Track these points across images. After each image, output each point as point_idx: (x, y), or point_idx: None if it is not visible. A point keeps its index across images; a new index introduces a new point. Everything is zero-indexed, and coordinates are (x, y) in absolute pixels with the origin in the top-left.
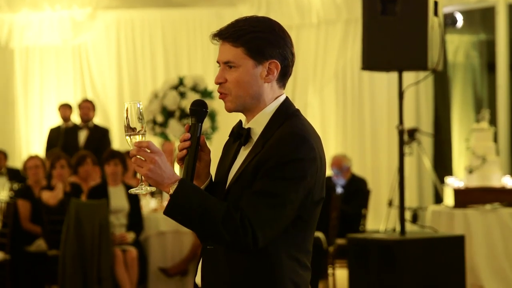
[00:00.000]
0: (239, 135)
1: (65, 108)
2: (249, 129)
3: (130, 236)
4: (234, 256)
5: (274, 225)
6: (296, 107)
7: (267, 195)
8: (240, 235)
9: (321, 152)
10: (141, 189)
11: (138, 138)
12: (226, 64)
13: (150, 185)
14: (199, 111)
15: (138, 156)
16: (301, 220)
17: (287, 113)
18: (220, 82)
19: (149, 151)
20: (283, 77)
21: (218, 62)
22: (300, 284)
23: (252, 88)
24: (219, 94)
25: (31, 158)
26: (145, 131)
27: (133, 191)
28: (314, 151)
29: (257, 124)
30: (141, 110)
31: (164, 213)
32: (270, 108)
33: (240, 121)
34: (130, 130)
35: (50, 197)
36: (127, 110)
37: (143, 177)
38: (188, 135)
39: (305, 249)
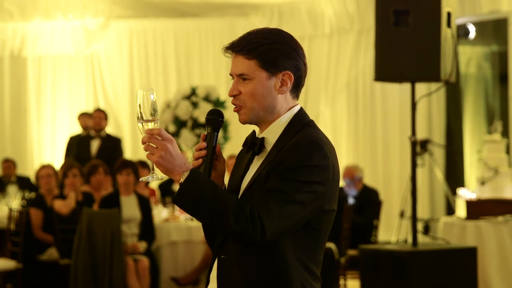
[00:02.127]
0: (253, 144)
1: (85, 117)
2: (263, 138)
3: (142, 245)
4: (248, 264)
5: (282, 220)
6: (308, 114)
7: (277, 191)
8: (248, 226)
9: (334, 162)
10: (152, 178)
11: (150, 125)
12: (239, 77)
13: (160, 177)
14: (216, 120)
15: (150, 144)
16: (312, 229)
17: (302, 123)
18: (234, 95)
19: (160, 138)
20: (297, 88)
21: (231, 74)
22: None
23: (266, 99)
24: (234, 106)
25: (44, 167)
26: (157, 119)
27: (143, 179)
28: (328, 159)
29: (271, 133)
30: (154, 98)
31: (173, 201)
32: (284, 119)
33: (254, 131)
34: (142, 117)
35: (62, 206)
36: (140, 98)
37: (154, 165)
38: (204, 144)
39: (316, 259)
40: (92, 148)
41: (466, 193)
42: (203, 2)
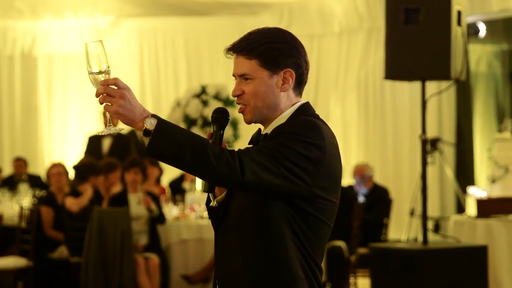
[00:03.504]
0: (258, 141)
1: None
2: (266, 134)
3: (154, 206)
4: (247, 254)
5: (261, 167)
6: (318, 113)
7: (264, 148)
8: (229, 162)
9: (333, 151)
10: (109, 130)
11: (101, 77)
12: (242, 77)
13: (118, 129)
14: (221, 118)
15: (106, 95)
16: (312, 217)
17: (305, 114)
18: (237, 95)
19: (116, 88)
20: (299, 85)
21: (234, 75)
22: (311, 277)
23: (269, 98)
24: (239, 106)
25: (55, 165)
26: (109, 71)
27: (100, 132)
28: (324, 140)
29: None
30: (102, 49)
31: (149, 151)
32: (286, 113)
33: (259, 129)
34: (92, 70)
35: (73, 204)
36: (88, 50)
37: (112, 115)
38: (210, 141)
39: (317, 249)
40: (103, 146)
41: (477, 192)
42: (213, 0)
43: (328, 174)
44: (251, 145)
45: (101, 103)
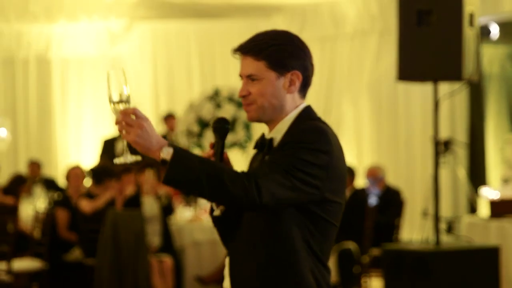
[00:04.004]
0: (262, 145)
1: (170, 118)
2: (271, 139)
3: (162, 194)
4: (258, 257)
5: (278, 185)
6: (331, 118)
7: (275, 163)
8: (245, 186)
9: (338, 154)
10: (126, 158)
11: (121, 106)
12: (249, 78)
13: (135, 153)
14: (221, 128)
15: (125, 123)
16: (320, 218)
17: (309, 119)
18: (244, 95)
19: (135, 117)
20: (304, 87)
21: (240, 75)
22: (320, 279)
23: (275, 98)
24: (243, 105)
25: (73, 168)
26: (129, 100)
27: (118, 160)
28: (330, 146)
29: (279, 132)
30: (123, 77)
31: (166, 181)
32: (290, 116)
33: (263, 134)
34: (113, 99)
35: (87, 206)
36: (110, 78)
37: (130, 144)
38: (212, 152)
39: (324, 250)
40: (117, 149)
41: (489, 192)
42: (226, 3)
43: (336, 177)
44: (255, 149)
45: (120, 132)
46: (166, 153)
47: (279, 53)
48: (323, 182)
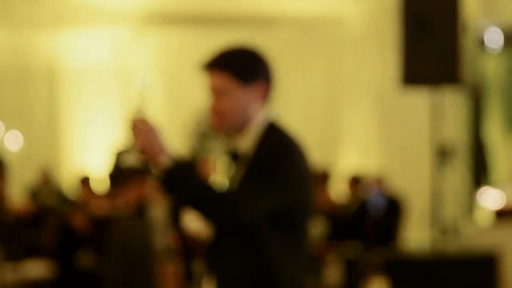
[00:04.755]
0: (236, 156)
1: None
2: (238, 150)
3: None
4: (236, 257)
5: (256, 204)
6: (336, 124)
7: (250, 183)
8: (228, 208)
9: (300, 160)
10: (135, 164)
11: (137, 115)
12: (215, 90)
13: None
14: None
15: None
16: (295, 225)
17: (272, 128)
18: (211, 107)
19: (145, 127)
20: (267, 96)
21: (208, 89)
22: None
23: (242, 109)
24: (211, 118)
25: (83, 177)
26: (145, 107)
27: (126, 162)
28: (295, 154)
29: (248, 142)
30: (143, 88)
31: (160, 186)
32: (257, 125)
33: (232, 146)
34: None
35: (97, 211)
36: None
37: (138, 151)
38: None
39: (300, 252)
40: (127, 160)
41: (492, 199)
42: (231, 13)
43: (304, 183)
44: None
45: (131, 139)
46: (166, 164)
47: (244, 64)
48: (294, 191)
